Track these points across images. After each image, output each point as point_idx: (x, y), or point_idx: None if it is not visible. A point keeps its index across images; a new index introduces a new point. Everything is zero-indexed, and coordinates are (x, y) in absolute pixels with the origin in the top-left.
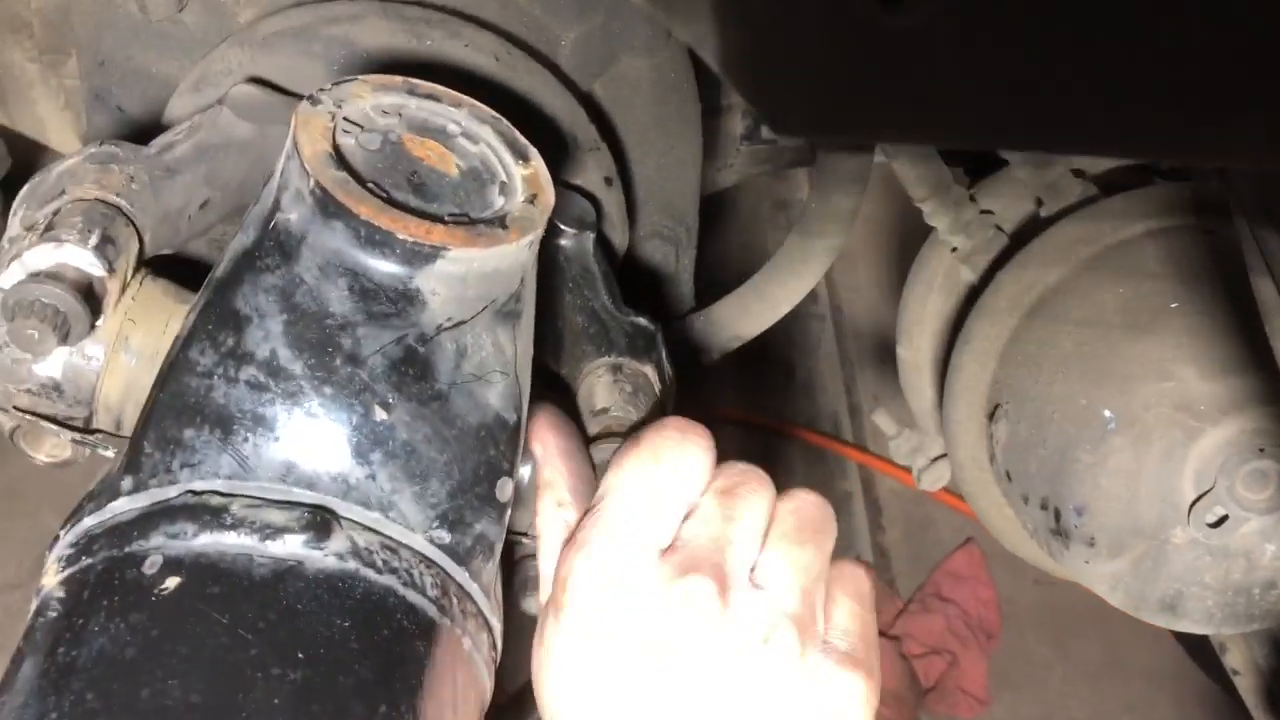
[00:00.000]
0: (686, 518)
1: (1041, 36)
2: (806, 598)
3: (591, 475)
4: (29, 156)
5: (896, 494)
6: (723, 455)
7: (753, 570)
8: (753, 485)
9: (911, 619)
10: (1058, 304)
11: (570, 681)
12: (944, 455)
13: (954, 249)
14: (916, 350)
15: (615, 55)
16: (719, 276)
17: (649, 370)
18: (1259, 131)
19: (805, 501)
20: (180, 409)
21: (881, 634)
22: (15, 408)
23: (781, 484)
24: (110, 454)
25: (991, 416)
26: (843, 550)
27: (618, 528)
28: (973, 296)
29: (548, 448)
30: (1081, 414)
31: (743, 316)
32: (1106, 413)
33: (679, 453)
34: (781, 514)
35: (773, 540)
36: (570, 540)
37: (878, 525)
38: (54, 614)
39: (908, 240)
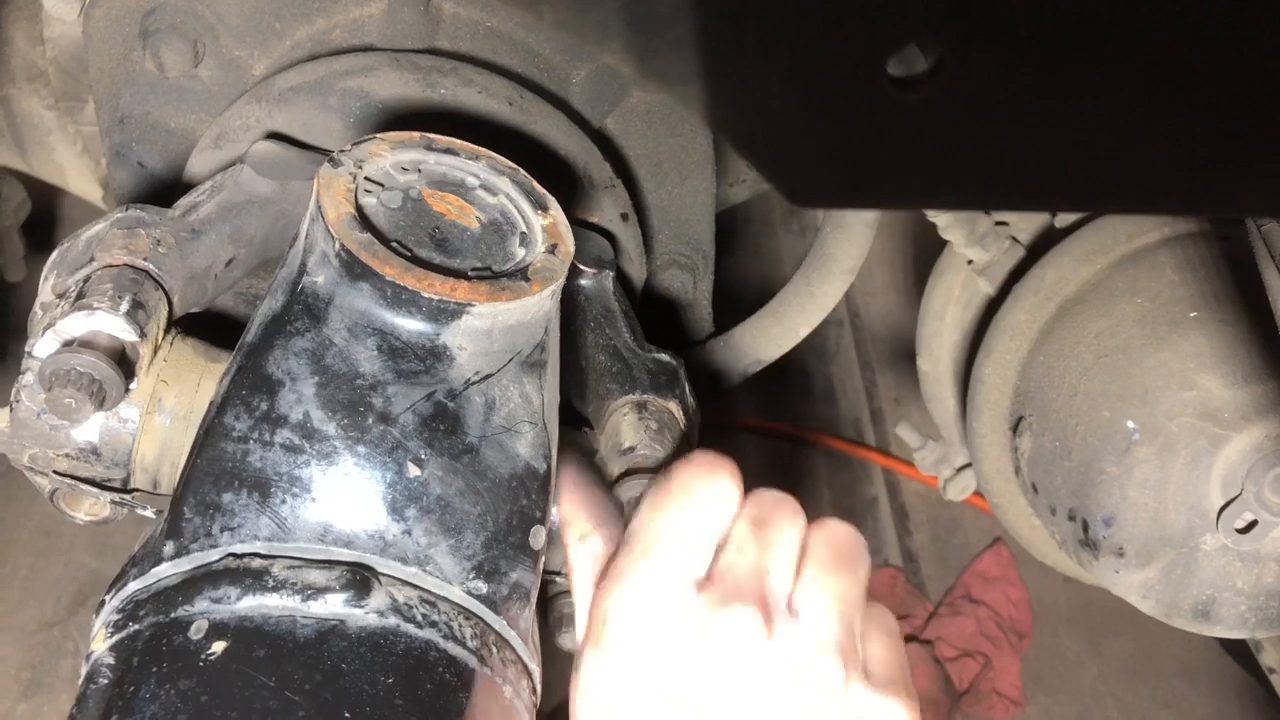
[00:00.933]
0: (721, 549)
1: (1045, 104)
2: (846, 626)
3: (610, 505)
4: (48, 200)
5: (922, 497)
6: (746, 468)
7: (789, 600)
8: (785, 514)
9: (942, 622)
10: (1076, 316)
11: (612, 715)
12: (969, 465)
13: (970, 261)
14: (937, 362)
15: (625, 90)
16: (734, 289)
17: (673, 405)
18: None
19: (838, 531)
20: (218, 474)
21: (913, 638)
22: (55, 471)
23: (807, 493)
24: (149, 513)
25: (1015, 429)
26: (870, 555)
27: (653, 560)
28: (991, 308)
29: (561, 484)
30: (1105, 426)
31: (762, 340)
32: (1130, 424)
33: (708, 485)
34: (815, 544)
35: (809, 569)
36: (606, 574)
37: (905, 529)
38: (105, 681)
39: (924, 241)
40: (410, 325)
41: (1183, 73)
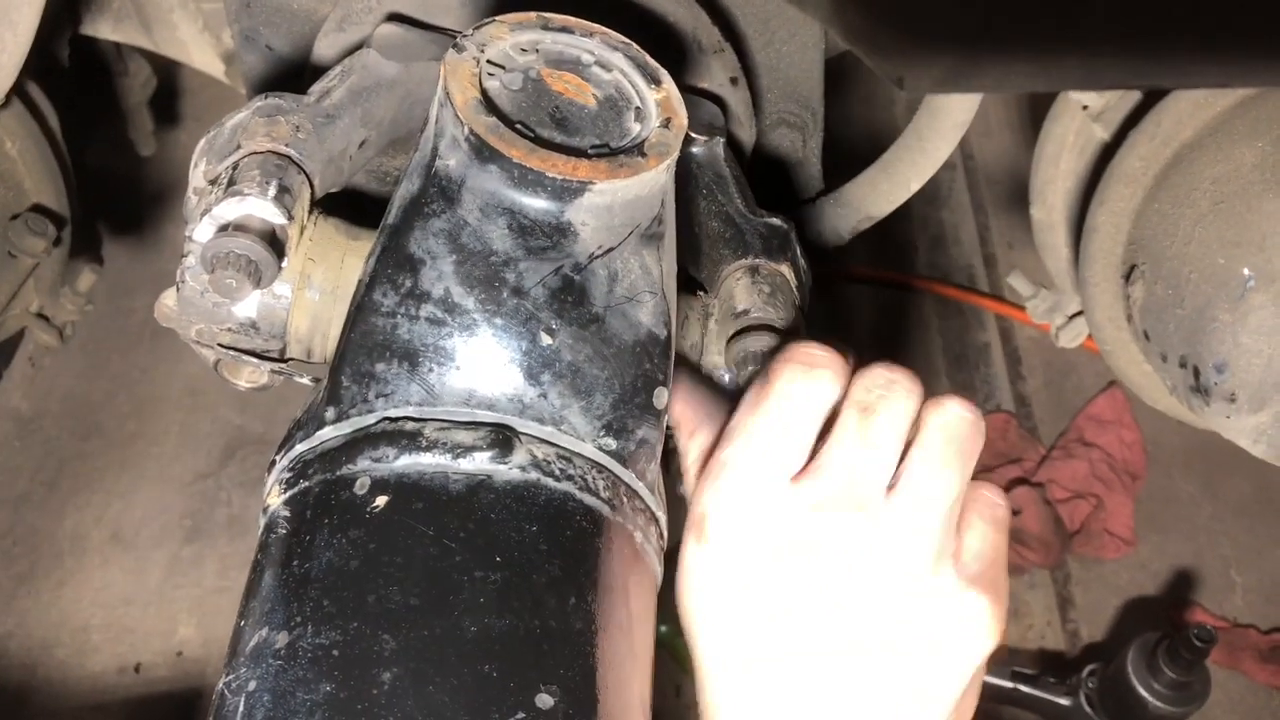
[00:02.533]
0: (826, 435)
1: None
2: (943, 521)
3: (720, 401)
4: (171, 76)
5: (1036, 342)
6: (856, 319)
7: (892, 486)
8: (894, 399)
9: (1055, 465)
10: (1193, 161)
11: (711, 611)
12: (1081, 312)
13: (1085, 106)
14: (1050, 210)
15: None
16: (843, 142)
17: (785, 268)
18: None
19: (955, 416)
20: (371, 346)
21: (1025, 481)
22: (219, 344)
23: (918, 341)
24: (306, 380)
25: (1128, 277)
26: (983, 401)
27: (747, 456)
28: (1106, 154)
29: (674, 389)
30: (1219, 273)
31: (873, 197)
32: (1245, 271)
33: (805, 380)
34: (929, 428)
35: (915, 458)
36: (704, 470)
37: (1017, 374)
38: (284, 530)
39: None
40: (536, 204)
41: None
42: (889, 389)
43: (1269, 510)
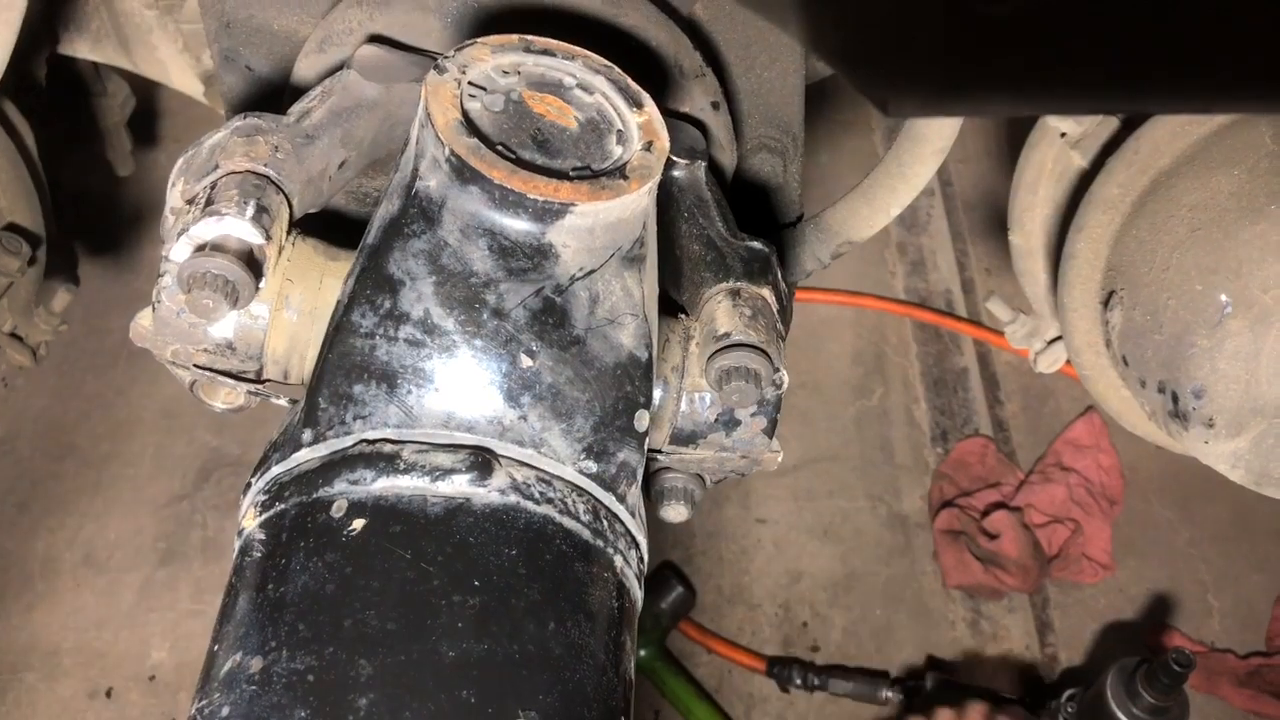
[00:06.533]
0: None
1: (1129, 9)
2: None
3: None
4: (150, 96)
5: (1014, 367)
6: (838, 343)
7: None
8: None
9: (1033, 489)
10: (1170, 189)
11: None
12: (1060, 338)
13: (1063, 134)
14: (1029, 236)
15: None
16: (824, 166)
17: (766, 292)
18: None
19: None
20: (349, 367)
21: (1003, 505)
22: (195, 365)
23: (897, 365)
24: (282, 401)
25: (1106, 303)
26: (961, 425)
27: None
28: (1084, 182)
29: None
30: (1197, 299)
31: (853, 222)
32: (1223, 297)
33: None
34: None
35: None
36: None
37: (995, 399)
38: (259, 554)
39: None
40: (518, 225)
41: None
42: None
43: (1245, 535)
